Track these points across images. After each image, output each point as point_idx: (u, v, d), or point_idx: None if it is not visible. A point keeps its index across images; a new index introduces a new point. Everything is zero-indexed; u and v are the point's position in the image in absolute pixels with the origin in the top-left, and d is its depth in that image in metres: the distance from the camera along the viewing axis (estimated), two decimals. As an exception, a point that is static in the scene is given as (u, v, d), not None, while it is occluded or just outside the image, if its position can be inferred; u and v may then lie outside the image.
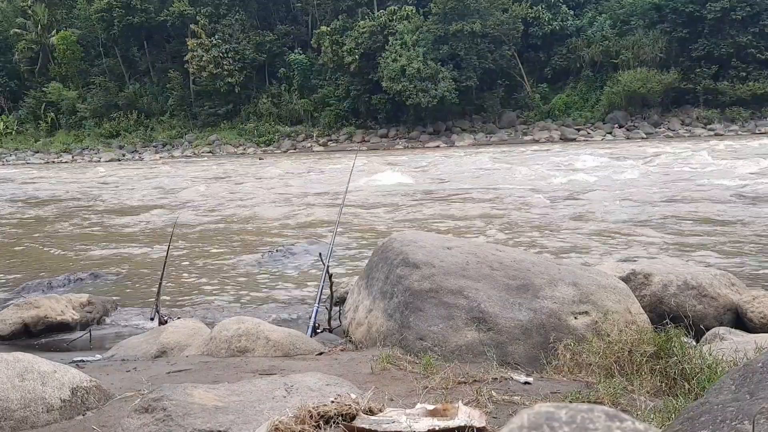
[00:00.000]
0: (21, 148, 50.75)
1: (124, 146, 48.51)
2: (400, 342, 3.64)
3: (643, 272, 4.83)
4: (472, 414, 2.26)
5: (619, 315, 3.73)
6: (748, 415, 1.39)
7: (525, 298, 3.73)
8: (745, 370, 1.66)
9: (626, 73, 40.09)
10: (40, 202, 17.53)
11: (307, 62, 47.99)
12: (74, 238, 10.84)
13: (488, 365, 3.20)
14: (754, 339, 3.58)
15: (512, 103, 44.03)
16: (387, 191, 15.80)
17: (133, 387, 3.09)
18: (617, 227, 9.39)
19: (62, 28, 53.91)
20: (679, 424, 1.57)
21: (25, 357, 2.81)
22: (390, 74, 41.35)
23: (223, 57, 47.74)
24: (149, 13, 50.58)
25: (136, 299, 6.47)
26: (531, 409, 0.63)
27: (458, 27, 41.58)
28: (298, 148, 44.58)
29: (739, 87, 38.44)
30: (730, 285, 4.81)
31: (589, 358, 3.15)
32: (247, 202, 15.02)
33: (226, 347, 3.87)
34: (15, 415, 2.57)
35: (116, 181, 23.87)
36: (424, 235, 4.61)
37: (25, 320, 5.26)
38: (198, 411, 2.37)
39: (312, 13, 50.51)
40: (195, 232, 10.82)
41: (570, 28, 44.22)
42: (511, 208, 11.93)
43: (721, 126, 37.72)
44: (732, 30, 38.88)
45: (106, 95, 51.54)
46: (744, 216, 9.83)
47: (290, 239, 9.54)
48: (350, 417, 2.26)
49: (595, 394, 2.74)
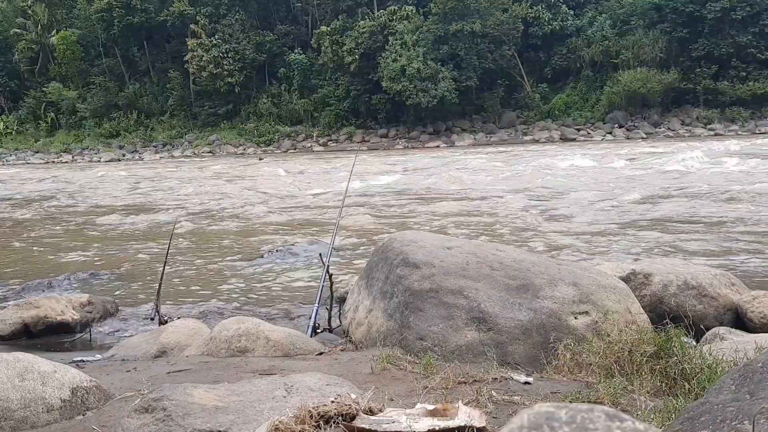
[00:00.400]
0: (21, 148, 50.75)
1: (124, 146, 48.51)
2: (400, 342, 3.63)
3: (643, 272, 4.82)
4: (472, 414, 2.26)
5: (619, 315, 3.73)
6: (748, 415, 1.39)
7: (525, 298, 3.73)
8: (745, 370, 1.66)
9: (626, 73, 40.08)
10: (38, 200, 17.54)
11: (307, 62, 47.97)
12: (73, 238, 10.84)
13: (488, 365, 3.20)
14: (754, 339, 3.58)
15: (512, 103, 44.01)
16: (386, 191, 15.80)
17: (133, 387, 3.09)
18: (596, 228, 9.37)
19: (62, 28, 53.90)
20: (679, 424, 1.57)
21: (25, 357, 2.81)
22: (390, 74, 41.34)
23: (223, 57, 47.73)
24: (149, 13, 50.57)
25: (136, 299, 6.47)
26: (531, 409, 0.63)
27: (458, 27, 41.56)
28: (298, 148, 44.57)
29: (739, 87, 38.42)
30: (730, 285, 4.81)
31: (589, 358, 3.15)
32: (247, 202, 15.01)
33: (226, 347, 3.87)
34: (15, 415, 2.57)
35: (116, 181, 23.87)
36: (424, 235, 4.61)
37: (25, 320, 5.26)
38: (198, 411, 2.37)
39: (312, 13, 50.51)
40: (195, 232, 10.82)
41: (570, 28, 44.21)
42: (488, 208, 12.01)
43: (721, 126, 37.72)
44: (732, 30, 38.87)
45: (106, 95, 51.53)
46: (724, 215, 9.86)
47: (290, 239, 9.54)
48: (350, 417, 2.26)
49: (595, 394, 2.74)
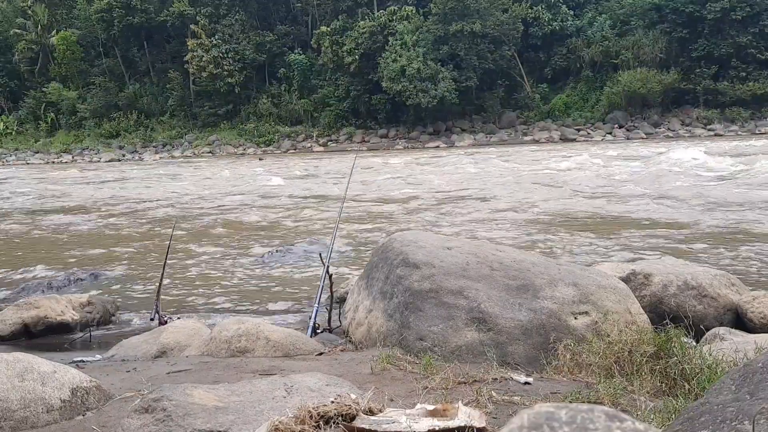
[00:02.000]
0: (21, 148, 50.82)
1: (124, 146, 48.54)
2: (400, 342, 3.63)
3: (643, 272, 4.82)
4: (472, 414, 2.26)
5: (619, 315, 3.73)
6: (748, 416, 1.39)
7: (525, 299, 3.72)
8: (745, 371, 1.66)
9: (626, 73, 40.11)
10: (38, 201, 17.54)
11: (307, 62, 47.99)
12: (72, 238, 10.84)
13: (488, 365, 3.20)
14: (754, 339, 3.58)
15: (512, 104, 44.03)
16: (384, 191, 15.80)
17: (133, 387, 3.09)
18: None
19: (62, 28, 53.96)
20: (679, 424, 1.57)
21: (25, 357, 2.81)
22: (390, 74, 41.35)
23: (223, 57, 47.76)
24: (149, 13, 50.62)
25: (136, 299, 6.47)
26: (531, 409, 0.63)
27: (458, 27, 41.59)
28: (298, 148, 44.60)
29: (739, 87, 38.46)
30: (730, 285, 4.80)
31: (589, 359, 3.14)
32: (246, 202, 15.01)
33: (226, 347, 3.87)
34: (15, 416, 2.57)
35: (116, 181, 23.87)
36: (424, 236, 4.61)
37: (25, 320, 5.26)
38: (198, 411, 2.37)
39: (312, 14, 50.53)
40: (195, 233, 10.82)
41: (570, 28, 44.24)
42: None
43: (721, 126, 37.75)
44: (732, 30, 38.91)
45: (106, 95, 51.57)
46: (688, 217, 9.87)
47: (290, 239, 9.54)
48: (350, 417, 2.26)
49: (595, 395, 2.74)
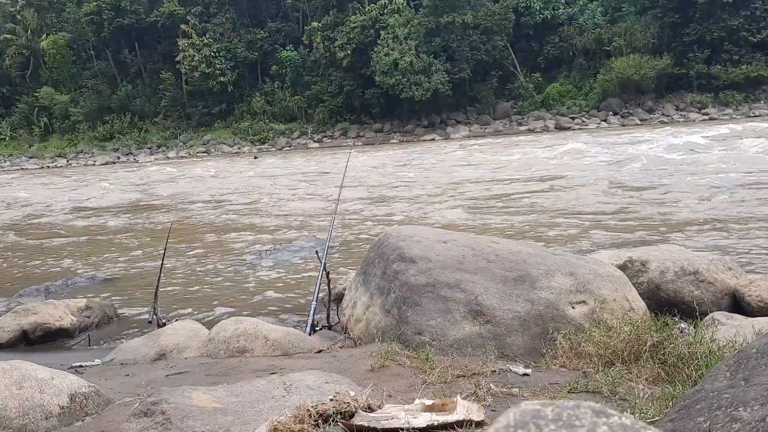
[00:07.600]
0: (15, 154, 50.64)
1: (119, 149, 48.41)
2: (398, 337, 3.63)
3: (640, 259, 4.81)
4: (471, 408, 2.26)
5: (617, 303, 3.74)
6: (743, 402, 1.39)
7: (522, 290, 3.72)
8: (740, 357, 1.66)
9: (619, 60, 40.06)
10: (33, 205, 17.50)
11: (300, 59, 47.85)
12: (70, 241, 10.82)
13: (487, 358, 3.20)
14: (751, 323, 3.58)
15: (506, 94, 43.96)
16: (380, 186, 15.79)
17: (133, 391, 3.09)
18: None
19: (52, 32, 53.71)
20: (675, 412, 1.57)
21: (22, 365, 2.81)
22: (383, 68, 41.26)
23: (215, 56, 47.61)
24: (139, 14, 50.40)
25: (134, 302, 6.46)
26: (517, 408, 0.63)
27: (449, 19, 41.47)
28: (293, 145, 44.49)
29: (732, 70, 38.44)
30: (727, 269, 4.80)
31: (588, 348, 3.15)
32: (244, 201, 14.99)
33: (225, 348, 3.87)
34: (14, 424, 2.57)
35: (117, 181, 23.81)
36: (419, 230, 4.60)
37: (24, 327, 5.24)
38: (197, 413, 2.37)
39: (303, 9, 50.35)
40: (192, 233, 10.80)
41: (561, 16, 44.13)
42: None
43: (715, 110, 37.75)
44: (723, 13, 38.85)
45: (98, 98, 51.40)
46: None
47: (287, 237, 9.53)
48: (349, 414, 2.26)
49: (593, 383, 2.74)
